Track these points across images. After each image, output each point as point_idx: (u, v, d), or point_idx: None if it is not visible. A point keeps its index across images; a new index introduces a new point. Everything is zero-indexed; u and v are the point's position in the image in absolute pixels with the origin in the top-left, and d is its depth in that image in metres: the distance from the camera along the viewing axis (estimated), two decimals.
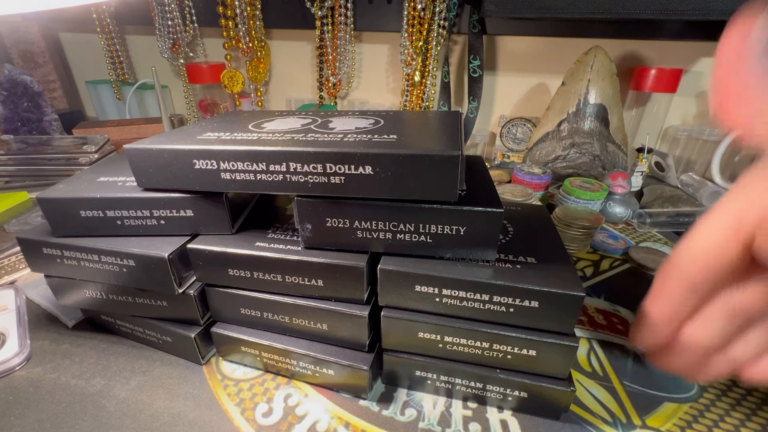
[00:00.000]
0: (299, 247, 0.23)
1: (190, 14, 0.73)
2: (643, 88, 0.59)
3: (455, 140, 0.21)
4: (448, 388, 0.24)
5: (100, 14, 0.78)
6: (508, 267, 0.22)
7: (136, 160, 0.23)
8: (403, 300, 0.22)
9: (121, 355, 0.28)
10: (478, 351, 0.22)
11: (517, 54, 0.68)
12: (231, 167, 0.21)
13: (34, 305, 0.32)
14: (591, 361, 0.28)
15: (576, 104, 0.53)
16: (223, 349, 0.27)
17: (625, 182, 0.47)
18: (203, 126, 0.27)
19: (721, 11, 0.45)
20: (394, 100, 0.77)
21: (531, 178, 0.50)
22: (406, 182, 0.20)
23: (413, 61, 0.66)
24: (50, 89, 0.83)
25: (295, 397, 0.25)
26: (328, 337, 0.25)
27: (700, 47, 0.60)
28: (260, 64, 0.76)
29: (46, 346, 0.28)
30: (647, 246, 0.42)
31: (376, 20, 0.68)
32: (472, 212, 0.20)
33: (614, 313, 0.33)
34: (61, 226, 0.25)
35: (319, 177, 0.21)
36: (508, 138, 0.69)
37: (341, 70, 0.73)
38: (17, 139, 0.59)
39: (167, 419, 0.23)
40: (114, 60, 0.82)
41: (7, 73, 0.62)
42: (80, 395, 0.25)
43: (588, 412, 0.24)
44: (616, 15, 0.49)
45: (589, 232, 0.40)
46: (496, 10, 0.53)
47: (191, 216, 0.24)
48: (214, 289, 0.25)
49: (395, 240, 0.22)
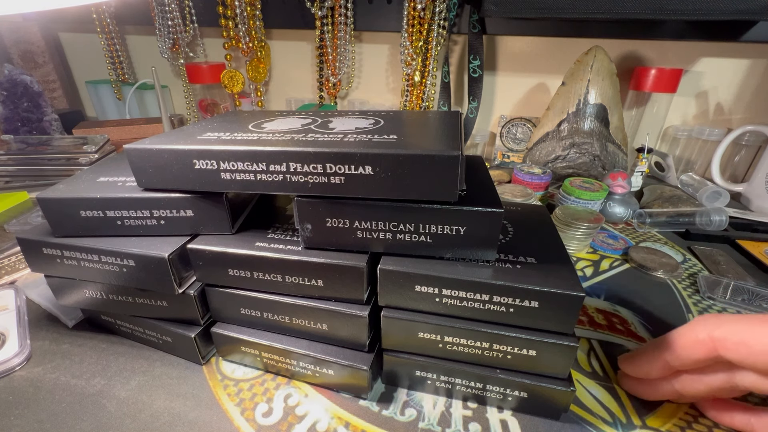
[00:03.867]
0: (299, 247, 0.23)
1: (190, 14, 0.73)
2: (643, 88, 0.59)
3: (455, 140, 0.21)
4: (448, 388, 0.24)
5: (100, 14, 0.78)
6: (508, 267, 0.22)
7: (136, 160, 0.23)
8: (403, 300, 0.22)
9: (121, 355, 0.28)
10: (478, 351, 0.22)
11: (517, 54, 0.68)
12: (231, 167, 0.21)
13: (34, 305, 0.32)
14: (591, 361, 0.28)
15: (576, 104, 0.53)
16: (223, 349, 0.27)
17: (625, 182, 0.47)
18: (203, 126, 0.27)
19: (721, 11, 0.45)
20: (394, 100, 0.77)
21: (531, 178, 0.50)
22: (406, 182, 0.20)
23: (413, 61, 0.66)
24: (50, 89, 0.83)
25: (295, 397, 0.25)
26: (328, 337, 0.25)
27: (700, 47, 0.60)
28: (260, 64, 0.76)
29: (46, 346, 0.28)
30: (647, 246, 0.42)
31: (376, 20, 0.68)
32: (472, 212, 0.20)
33: (614, 313, 0.33)
34: (61, 226, 0.25)
35: (319, 177, 0.21)
36: (508, 138, 0.69)
37: (341, 70, 0.73)
38: (17, 139, 0.59)
39: (167, 419, 0.23)
40: (114, 60, 0.82)
41: (7, 73, 0.62)
42: (80, 395, 0.25)
43: (588, 412, 0.24)
44: (616, 15, 0.49)
45: (589, 232, 0.40)
46: (496, 10, 0.53)
47: (191, 216, 0.24)
48: (214, 289, 0.25)
49: (395, 240, 0.22)
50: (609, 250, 0.42)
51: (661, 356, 0.22)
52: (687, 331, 0.21)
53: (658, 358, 0.22)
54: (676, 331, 0.22)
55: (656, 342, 0.23)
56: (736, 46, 0.59)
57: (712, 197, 0.50)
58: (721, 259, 0.40)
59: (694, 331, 0.21)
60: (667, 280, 0.37)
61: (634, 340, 0.30)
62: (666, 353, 0.22)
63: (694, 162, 0.64)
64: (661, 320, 0.32)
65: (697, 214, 0.46)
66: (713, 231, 0.45)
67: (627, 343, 0.29)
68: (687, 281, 0.37)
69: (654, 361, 0.22)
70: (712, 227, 0.44)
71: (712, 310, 0.33)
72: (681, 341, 0.21)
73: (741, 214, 0.50)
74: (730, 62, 0.60)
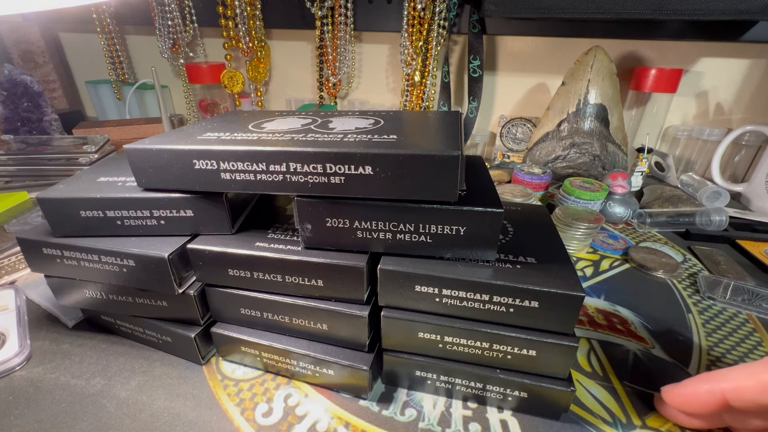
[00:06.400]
0: (299, 247, 0.23)
1: (190, 14, 0.73)
2: (643, 88, 0.59)
3: (455, 140, 0.21)
4: (448, 388, 0.24)
5: (100, 14, 0.78)
6: (508, 267, 0.22)
7: (136, 160, 0.23)
8: (403, 300, 0.22)
9: (121, 355, 0.28)
10: (478, 351, 0.22)
11: (517, 54, 0.68)
12: (231, 167, 0.21)
13: (34, 305, 0.32)
14: (591, 361, 0.28)
15: (576, 104, 0.53)
16: (223, 349, 0.27)
17: (625, 182, 0.47)
18: (203, 126, 0.27)
19: (721, 11, 0.45)
20: (394, 100, 0.77)
21: (531, 178, 0.50)
22: (406, 182, 0.20)
23: (413, 61, 0.66)
24: (50, 89, 0.83)
25: (295, 397, 0.25)
26: (328, 337, 0.25)
27: (700, 47, 0.60)
28: (260, 64, 0.76)
29: (46, 346, 0.28)
30: (647, 246, 0.42)
31: (376, 20, 0.68)
32: (472, 212, 0.20)
33: (614, 313, 0.33)
34: (61, 226, 0.25)
35: (319, 177, 0.21)
36: (508, 138, 0.69)
37: (341, 70, 0.73)
38: (17, 139, 0.59)
39: (167, 419, 0.23)
40: (114, 60, 0.82)
41: (7, 73, 0.62)
42: (80, 395, 0.25)
43: (588, 412, 0.24)
44: (616, 15, 0.49)
45: (589, 232, 0.40)
46: (496, 10, 0.53)
47: (191, 216, 0.24)
48: (214, 289, 0.25)
49: (395, 240, 0.22)
50: (609, 250, 0.42)
51: (718, 395, 0.20)
52: (700, 384, 0.20)
53: (714, 397, 0.20)
54: (691, 383, 0.21)
55: (713, 378, 0.21)
56: (736, 46, 0.59)
57: (712, 197, 0.50)
58: (721, 259, 0.40)
59: (706, 385, 0.20)
60: (667, 280, 0.37)
61: (634, 340, 0.30)
62: (683, 405, 0.21)
63: (694, 162, 0.64)
64: (661, 320, 0.32)
65: (697, 214, 0.46)
66: (713, 231, 0.45)
67: (627, 343, 0.29)
68: (687, 281, 0.37)
69: (709, 399, 0.20)
70: (712, 227, 0.44)
71: (712, 310, 0.33)
72: (693, 395, 0.20)
73: (741, 214, 0.50)
74: (730, 62, 0.60)
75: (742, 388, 0.19)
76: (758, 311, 0.33)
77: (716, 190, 0.50)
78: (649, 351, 0.29)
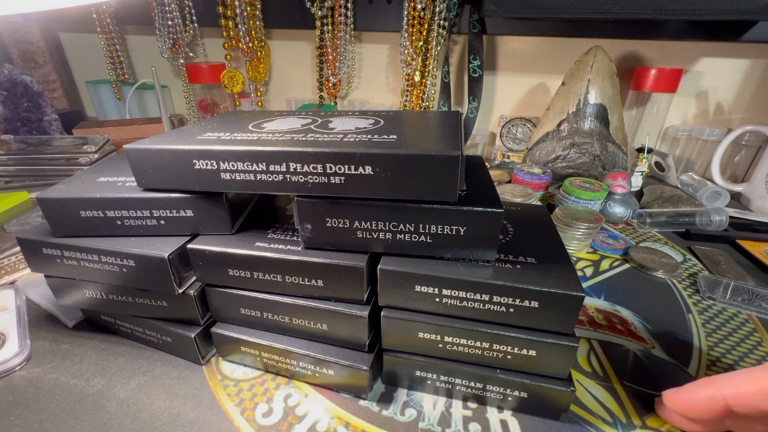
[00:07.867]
0: (299, 247, 0.23)
1: (190, 14, 0.73)
2: (643, 88, 0.59)
3: (455, 140, 0.21)
4: (448, 388, 0.24)
5: (100, 14, 0.78)
6: (508, 267, 0.22)
7: (136, 160, 0.23)
8: (403, 300, 0.22)
9: (121, 355, 0.28)
10: (478, 351, 0.22)
11: (517, 54, 0.68)
12: (231, 167, 0.21)
13: (34, 305, 0.32)
14: (591, 361, 0.28)
15: (576, 104, 0.53)
16: (223, 349, 0.27)
17: (625, 182, 0.47)
18: (203, 126, 0.27)
19: (721, 11, 0.45)
20: (394, 100, 0.77)
21: (531, 178, 0.50)
22: (406, 182, 0.20)
23: (413, 61, 0.66)
24: (50, 89, 0.83)
25: (295, 397, 0.25)
26: (328, 337, 0.25)
27: (700, 47, 0.60)
28: (260, 64, 0.76)
29: (46, 346, 0.28)
30: (647, 246, 0.42)
31: (376, 20, 0.68)
32: (472, 212, 0.20)
33: (614, 313, 0.33)
34: (61, 226, 0.25)
35: (319, 177, 0.21)
36: (508, 138, 0.69)
37: (341, 70, 0.73)
38: (17, 139, 0.59)
39: (167, 419, 0.23)
40: (114, 60, 0.82)
41: (7, 73, 0.62)
42: (80, 395, 0.25)
43: (588, 412, 0.24)
44: (616, 15, 0.49)
45: (589, 232, 0.40)
46: (496, 10, 0.53)
47: (191, 216, 0.24)
48: (214, 289, 0.25)
49: (395, 240, 0.22)
50: (609, 250, 0.42)
51: (719, 400, 0.20)
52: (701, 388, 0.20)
53: (715, 402, 0.20)
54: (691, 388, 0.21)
55: (714, 383, 0.20)
56: (736, 46, 0.59)
57: (712, 197, 0.50)
58: (721, 259, 0.40)
59: (707, 390, 0.20)
60: (667, 280, 0.37)
61: (634, 340, 0.30)
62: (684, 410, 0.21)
63: (694, 162, 0.64)
64: (661, 320, 0.32)
65: (697, 214, 0.46)
66: (713, 231, 0.45)
67: (627, 343, 0.29)
68: (687, 281, 0.37)
69: (711, 405, 0.20)
70: (712, 227, 0.44)
71: (712, 310, 0.33)
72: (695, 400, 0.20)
73: (741, 214, 0.50)
74: (730, 62, 0.60)
75: (743, 394, 0.19)
76: (758, 311, 0.33)
77: (716, 190, 0.50)
78: (649, 351, 0.29)
